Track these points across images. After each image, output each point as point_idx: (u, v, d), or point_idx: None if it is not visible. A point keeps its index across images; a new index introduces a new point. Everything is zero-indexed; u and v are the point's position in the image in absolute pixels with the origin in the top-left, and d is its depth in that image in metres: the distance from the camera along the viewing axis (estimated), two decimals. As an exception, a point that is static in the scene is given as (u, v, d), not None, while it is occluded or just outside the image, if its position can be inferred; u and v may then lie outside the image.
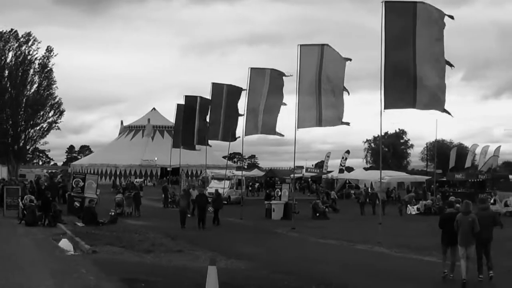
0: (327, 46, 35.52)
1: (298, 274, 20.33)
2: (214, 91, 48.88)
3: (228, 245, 28.59)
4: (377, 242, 28.65)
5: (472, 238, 18.76)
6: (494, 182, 70.77)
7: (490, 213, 20.66)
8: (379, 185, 46.70)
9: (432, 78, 28.32)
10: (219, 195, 41.88)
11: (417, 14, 28.23)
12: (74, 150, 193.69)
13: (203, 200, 37.49)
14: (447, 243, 19.88)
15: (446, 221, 20.06)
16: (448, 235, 19.63)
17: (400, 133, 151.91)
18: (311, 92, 35.81)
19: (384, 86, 28.91)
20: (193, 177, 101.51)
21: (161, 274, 19.13)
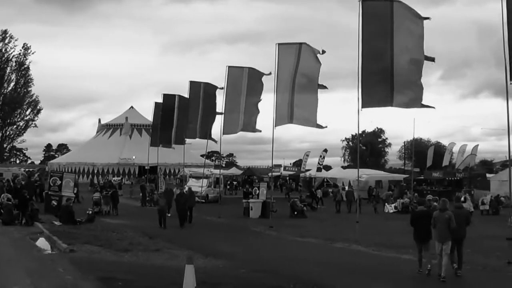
0: (305, 44, 35.60)
1: (276, 272, 20.38)
2: (192, 89, 48.89)
3: (206, 243, 28.57)
4: (355, 240, 28.76)
5: (449, 235, 19.34)
6: (471, 180, 71.10)
7: (464, 212, 21.34)
8: (357, 183, 46.78)
9: (409, 76, 28.39)
10: (192, 193, 42.01)
11: (394, 12, 28.29)
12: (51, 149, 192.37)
13: (183, 199, 37.17)
14: (419, 240, 20.51)
15: (417, 219, 20.85)
16: (419, 232, 20.45)
17: (378, 131, 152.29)
18: (286, 90, 35.90)
19: (361, 85, 29.00)
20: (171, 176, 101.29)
21: (139, 273, 19.11)
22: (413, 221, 21.08)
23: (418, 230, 20.57)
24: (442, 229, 19.45)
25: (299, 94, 35.59)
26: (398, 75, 28.26)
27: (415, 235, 20.73)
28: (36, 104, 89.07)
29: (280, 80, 36.25)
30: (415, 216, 21.46)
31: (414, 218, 21.22)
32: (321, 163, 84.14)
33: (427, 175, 78.24)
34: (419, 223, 20.61)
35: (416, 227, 20.72)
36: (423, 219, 20.48)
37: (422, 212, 21.40)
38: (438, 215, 19.73)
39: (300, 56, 35.39)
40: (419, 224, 20.59)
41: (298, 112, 35.89)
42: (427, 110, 28.39)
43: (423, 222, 20.34)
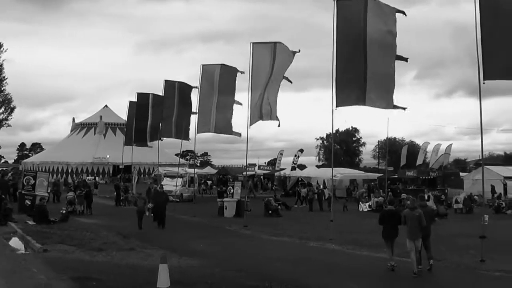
0: (280, 43, 35.67)
1: (250, 271, 20.40)
2: (167, 88, 48.80)
3: (181, 243, 28.53)
4: (329, 239, 28.84)
5: (419, 232, 20.13)
6: (445, 179, 71.55)
7: (428, 210, 22.13)
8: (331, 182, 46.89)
9: (382, 76, 28.45)
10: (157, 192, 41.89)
11: (367, 11, 28.32)
12: (25, 148, 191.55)
13: (162, 199, 36.46)
14: (387, 237, 21.36)
15: (384, 218, 21.58)
16: (387, 230, 21.27)
17: (352, 131, 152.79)
18: (261, 89, 35.95)
19: (335, 84, 29.05)
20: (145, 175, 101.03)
21: (113, 273, 19.04)
22: (381, 220, 21.68)
23: (386, 228, 21.32)
24: (413, 227, 20.11)
25: (270, 91, 35.71)
26: (371, 75, 28.31)
27: (384, 234, 21.47)
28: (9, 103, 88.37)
29: (255, 79, 36.25)
30: (383, 215, 22.04)
31: (382, 217, 21.80)
32: (296, 162, 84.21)
33: (401, 174, 78.63)
34: (387, 222, 21.32)
35: (384, 225, 21.41)
36: (391, 218, 21.25)
37: (389, 211, 22.14)
38: (408, 213, 20.39)
39: (276, 55, 35.45)
40: (386, 223, 21.32)
41: (265, 108, 36.01)
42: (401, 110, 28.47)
43: (391, 221, 21.12)
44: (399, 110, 28.65)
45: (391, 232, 21.18)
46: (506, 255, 24.16)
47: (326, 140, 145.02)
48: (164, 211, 35.72)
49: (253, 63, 36.23)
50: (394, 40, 28.12)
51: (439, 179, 71.75)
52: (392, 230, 21.16)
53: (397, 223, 21.04)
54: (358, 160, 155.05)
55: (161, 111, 50.41)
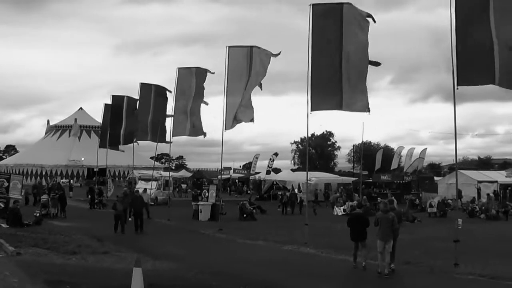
0: (256, 47, 35.67)
1: (225, 274, 20.40)
2: (143, 91, 48.70)
3: (155, 246, 28.50)
4: (304, 242, 28.86)
5: (391, 234, 20.88)
6: (419, 183, 71.88)
7: (396, 212, 22.82)
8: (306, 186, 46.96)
9: (356, 81, 28.54)
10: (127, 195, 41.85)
11: (343, 15, 28.42)
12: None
13: (139, 203, 36.22)
14: (355, 240, 22.42)
15: (352, 221, 22.97)
16: (355, 233, 22.41)
17: (327, 134, 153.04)
18: (238, 93, 35.95)
19: (311, 88, 29.11)
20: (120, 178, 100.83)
21: (87, 276, 18.94)
22: (349, 222, 23.08)
23: (354, 231, 22.46)
24: (385, 229, 20.85)
25: (247, 94, 35.73)
26: (346, 79, 28.40)
27: (351, 235, 22.55)
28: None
29: (231, 82, 36.21)
30: (351, 218, 23.58)
31: (350, 220, 23.27)
32: (271, 166, 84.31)
33: (375, 178, 78.83)
34: (354, 224, 22.58)
35: (352, 228, 22.60)
36: (358, 221, 22.59)
37: (357, 215, 23.62)
38: (381, 216, 21.21)
39: (253, 59, 35.46)
40: (354, 225, 22.55)
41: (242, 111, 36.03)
42: (376, 114, 28.64)
43: (358, 224, 22.40)
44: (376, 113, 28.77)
45: (359, 234, 22.19)
46: (479, 259, 24.29)
47: (301, 144, 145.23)
48: (141, 215, 35.41)
49: (229, 67, 36.19)
50: (367, 45, 28.24)
51: (413, 183, 72.07)
52: (359, 232, 22.18)
53: (364, 226, 22.25)
54: (333, 164, 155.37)
55: (136, 114, 50.29)
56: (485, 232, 37.17)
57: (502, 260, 24.49)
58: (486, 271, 21.34)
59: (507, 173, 64.94)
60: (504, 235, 35.85)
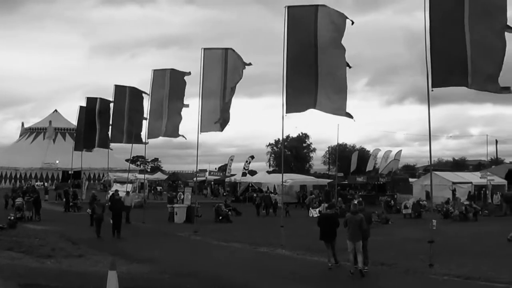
0: (231, 50, 35.69)
1: (201, 277, 20.41)
2: (117, 93, 48.48)
3: (130, 249, 28.40)
4: (279, 244, 28.88)
5: (360, 235, 21.20)
6: (394, 185, 72.18)
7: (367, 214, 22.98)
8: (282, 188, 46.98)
9: (332, 82, 28.59)
10: (95, 198, 42.12)
11: (318, 17, 28.46)
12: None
13: (118, 206, 35.37)
14: (324, 239, 22.94)
15: (322, 221, 23.56)
16: (324, 233, 22.90)
17: (302, 137, 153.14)
18: (215, 96, 35.94)
19: (286, 90, 29.16)
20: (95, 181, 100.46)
21: (62, 279, 18.88)
22: (319, 223, 23.57)
23: (323, 231, 22.93)
24: (354, 230, 21.20)
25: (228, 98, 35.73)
26: (322, 81, 28.47)
27: (321, 235, 23.04)
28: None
29: (206, 85, 36.19)
30: (321, 218, 24.33)
31: (320, 220, 23.87)
32: (247, 168, 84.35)
33: (351, 180, 79.09)
34: (324, 224, 23.09)
35: (322, 228, 23.05)
36: (328, 221, 23.17)
37: (327, 215, 24.36)
38: (350, 217, 21.68)
39: (228, 61, 35.47)
40: (324, 226, 23.04)
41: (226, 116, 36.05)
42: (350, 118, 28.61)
43: (328, 224, 22.93)
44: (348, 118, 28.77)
45: (329, 234, 22.70)
46: (454, 260, 24.43)
47: (277, 146, 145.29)
48: (120, 219, 34.80)
49: (204, 68, 36.18)
50: (343, 46, 28.30)
51: (388, 185, 72.37)
52: (329, 232, 22.70)
53: (334, 226, 22.82)
54: (309, 166, 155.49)
55: (108, 116, 50.13)
56: (459, 233, 37.35)
57: (476, 260, 24.65)
58: (461, 272, 21.48)
59: (481, 174, 65.24)
60: (478, 236, 36.08)
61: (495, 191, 60.39)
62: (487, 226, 42.13)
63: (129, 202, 42.80)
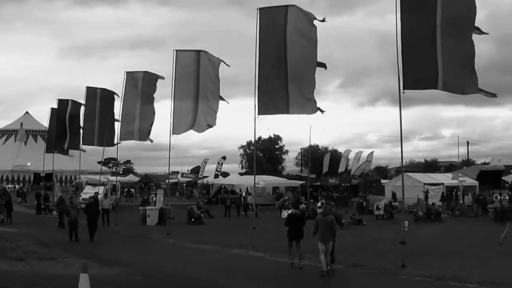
0: (204, 52, 35.67)
1: (173, 279, 20.42)
2: (88, 95, 48.23)
3: (102, 251, 28.31)
4: (252, 246, 28.91)
5: (330, 235, 21.67)
6: (367, 186, 72.42)
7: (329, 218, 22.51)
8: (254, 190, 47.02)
9: (303, 83, 28.62)
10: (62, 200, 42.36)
11: (288, 18, 28.55)
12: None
13: (93, 210, 34.51)
14: (291, 238, 23.57)
15: (290, 220, 24.34)
16: (292, 232, 23.56)
17: (275, 138, 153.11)
18: (188, 98, 35.88)
19: (258, 92, 29.22)
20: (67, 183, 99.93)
21: (33, 283, 18.82)
22: (287, 222, 24.34)
23: (291, 230, 23.63)
24: (325, 231, 21.63)
25: (203, 102, 35.66)
26: (293, 82, 28.51)
27: (288, 234, 23.68)
28: None
29: (178, 87, 36.12)
30: (289, 218, 24.95)
31: (288, 220, 24.60)
32: (219, 170, 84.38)
33: (323, 181, 79.21)
34: (292, 224, 23.83)
35: (289, 227, 23.76)
36: (296, 221, 24.01)
37: (295, 215, 25.26)
38: (321, 218, 22.20)
39: (200, 63, 35.45)
40: (291, 225, 23.78)
41: (200, 119, 35.94)
42: (324, 117, 28.90)
43: (295, 224, 23.71)
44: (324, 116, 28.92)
45: (296, 233, 23.36)
46: (426, 260, 24.61)
47: (249, 148, 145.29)
48: (95, 222, 34.05)
49: (176, 71, 36.11)
50: (314, 47, 28.36)
51: (361, 186, 72.62)
52: (297, 232, 23.36)
53: (301, 226, 23.61)
54: (281, 167, 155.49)
55: (78, 118, 49.95)
56: (431, 234, 37.59)
57: (448, 260, 24.88)
58: (433, 272, 21.62)
59: (453, 175, 65.66)
60: (449, 236, 36.35)
61: (466, 192, 60.80)
62: (459, 227, 42.50)
63: (107, 204, 42.54)
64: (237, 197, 58.53)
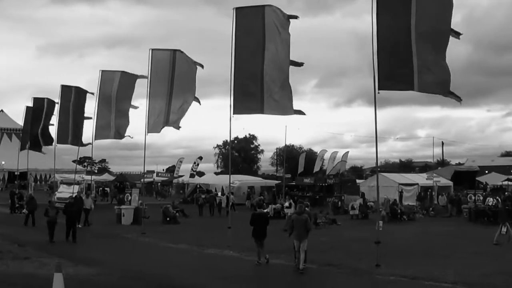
0: (179, 51, 35.60)
1: (148, 279, 20.37)
2: (63, 93, 48.03)
3: (77, 251, 28.24)
4: (227, 245, 28.90)
5: (305, 234, 22.10)
6: (342, 186, 72.49)
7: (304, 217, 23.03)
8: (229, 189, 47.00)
9: (278, 82, 28.64)
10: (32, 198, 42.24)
11: (265, 18, 28.58)
12: None
13: (73, 209, 34.11)
14: (256, 237, 24.33)
15: (255, 219, 24.64)
16: (256, 231, 24.31)
17: (250, 138, 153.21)
18: (162, 97, 35.83)
19: (233, 92, 29.22)
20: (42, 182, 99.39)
21: (7, 282, 18.71)
22: (252, 221, 24.59)
23: (256, 229, 24.35)
24: (300, 230, 22.32)
25: (176, 100, 35.63)
26: (268, 82, 28.53)
27: (253, 233, 24.42)
28: None
29: (154, 86, 36.08)
30: (254, 217, 24.95)
31: (252, 219, 24.69)
32: (195, 169, 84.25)
33: (298, 181, 79.17)
34: (257, 223, 24.43)
35: (254, 226, 24.40)
36: (260, 220, 24.62)
37: (259, 214, 25.60)
38: (296, 217, 22.79)
39: (176, 63, 35.40)
40: (256, 224, 24.38)
41: (173, 117, 35.92)
42: (300, 118, 28.88)
43: (260, 223, 24.40)
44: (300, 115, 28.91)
45: (260, 232, 24.21)
46: (400, 260, 24.78)
47: (224, 147, 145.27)
48: (75, 222, 33.63)
49: (152, 69, 36.07)
50: (289, 46, 28.42)
51: (336, 186, 72.64)
52: (260, 231, 24.21)
53: (265, 224, 24.50)
54: (257, 167, 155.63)
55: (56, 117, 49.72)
56: (406, 234, 37.76)
57: (422, 260, 25.10)
58: (407, 272, 21.78)
59: (427, 176, 65.96)
60: (423, 236, 36.51)
61: (441, 192, 61.12)
62: (433, 227, 42.66)
63: (89, 204, 42.28)
64: (210, 196, 58.54)
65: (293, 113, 28.74)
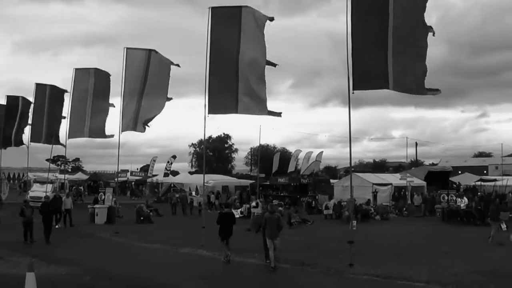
0: (154, 51, 35.47)
1: (121, 279, 20.34)
2: (38, 92, 47.70)
3: (50, 250, 28.08)
4: (200, 245, 28.86)
5: (277, 232, 22.57)
6: (316, 185, 72.58)
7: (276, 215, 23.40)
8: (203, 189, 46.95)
9: (254, 83, 28.62)
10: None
11: (241, 18, 28.55)
12: None
13: (50, 209, 33.66)
14: (222, 236, 24.76)
15: (221, 219, 25.03)
16: (223, 230, 24.75)
17: (224, 137, 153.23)
18: (135, 96, 35.73)
19: (208, 91, 29.17)
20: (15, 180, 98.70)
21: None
22: (218, 220, 25.01)
23: (222, 228, 24.78)
24: (272, 228, 22.74)
25: (147, 99, 35.51)
26: (243, 82, 28.51)
27: (220, 232, 24.81)
28: None
29: (128, 85, 35.95)
30: (220, 216, 25.32)
31: (219, 218, 25.14)
32: (169, 169, 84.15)
33: (272, 181, 79.23)
34: (223, 222, 24.84)
35: (221, 225, 24.81)
36: (226, 219, 25.01)
37: (226, 214, 25.75)
38: (268, 216, 23.22)
39: (150, 62, 35.30)
40: (223, 223, 24.83)
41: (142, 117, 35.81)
42: (275, 118, 28.83)
43: (226, 222, 24.84)
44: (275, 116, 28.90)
45: (227, 231, 24.68)
46: (373, 259, 24.88)
47: (199, 146, 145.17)
48: (50, 222, 33.28)
49: (126, 68, 35.94)
50: (264, 46, 28.40)
51: (310, 186, 72.73)
52: (227, 230, 24.71)
53: (231, 224, 24.98)
54: (231, 166, 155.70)
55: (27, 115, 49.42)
56: (379, 233, 37.93)
57: (396, 259, 25.28)
58: (380, 271, 21.88)
59: (401, 176, 66.23)
60: (397, 236, 36.67)
61: (416, 192, 61.41)
62: (407, 227, 42.90)
63: (69, 204, 41.96)
64: (183, 195, 58.59)
65: (267, 114, 28.67)
